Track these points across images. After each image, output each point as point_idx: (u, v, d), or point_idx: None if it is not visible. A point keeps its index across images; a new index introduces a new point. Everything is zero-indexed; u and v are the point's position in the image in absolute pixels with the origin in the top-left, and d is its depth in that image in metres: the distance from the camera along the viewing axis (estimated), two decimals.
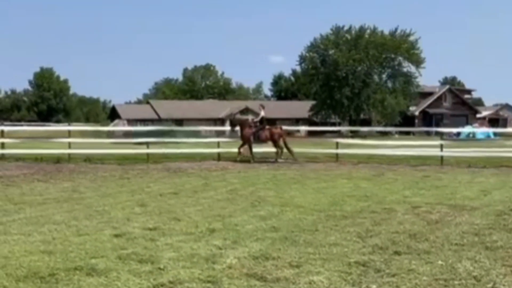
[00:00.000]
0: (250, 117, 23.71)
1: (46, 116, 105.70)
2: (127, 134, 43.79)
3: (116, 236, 7.91)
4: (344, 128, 54.17)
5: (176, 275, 5.94)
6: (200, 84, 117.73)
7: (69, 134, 22.97)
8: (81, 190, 13.40)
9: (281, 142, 22.44)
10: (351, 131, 52.27)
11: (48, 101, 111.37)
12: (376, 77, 71.30)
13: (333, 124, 64.25)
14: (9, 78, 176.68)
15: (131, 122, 62.95)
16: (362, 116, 71.16)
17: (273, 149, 22.69)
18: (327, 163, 21.95)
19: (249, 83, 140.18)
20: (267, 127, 22.97)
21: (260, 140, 22.47)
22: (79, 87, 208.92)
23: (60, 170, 18.32)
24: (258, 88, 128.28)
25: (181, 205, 10.85)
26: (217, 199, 11.76)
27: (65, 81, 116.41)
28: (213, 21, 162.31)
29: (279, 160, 21.84)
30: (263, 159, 22.43)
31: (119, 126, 60.18)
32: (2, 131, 22.21)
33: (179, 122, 64.96)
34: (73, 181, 15.35)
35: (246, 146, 22.48)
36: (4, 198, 11.84)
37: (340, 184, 14.81)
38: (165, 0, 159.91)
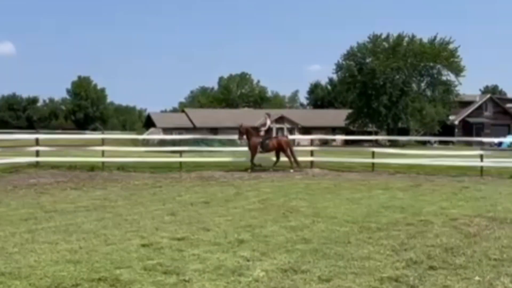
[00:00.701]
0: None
1: (83, 124, 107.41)
2: (162, 143, 44.12)
3: (144, 246, 7.84)
4: (382, 137, 53.48)
5: (200, 287, 5.82)
6: (235, 92, 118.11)
7: (103, 142, 23.12)
8: (113, 198, 13.43)
9: (288, 151, 22.16)
10: (389, 140, 51.60)
11: (85, 109, 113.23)
12: (414, 86, 70.35)
13: (370, 133, 63.60)
14: (48, 87, 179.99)
15: (166, 130, 63.31)
16: (400, 125, 70.23)
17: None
18: (363, 172, 21.62)
19: (285, 92, 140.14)
20: (273, 135, 22.76)
21: (267, 150, 22.16)
22: (116, 96, 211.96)
23: (93, 178, 18.45)
24: (294, 97, 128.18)
25: (211, 215, 10.74)
26: (248, 209, 11.63)
27: (102, 90, 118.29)
28: (249, 30, 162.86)
29: (291, 170, 21.41)
30: (266, 167, 22.07)
31: (154, 135, 60.66)
32: (37, 139, 22.50)
33: (214, 130, 65.20)
34: (105, 189, 15.42)
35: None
36: (36, 206, 11.93)
37: (376, 195, 14.52)
38: (202, 10, 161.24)
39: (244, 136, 22.26)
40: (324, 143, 53.66)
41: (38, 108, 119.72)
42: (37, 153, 21.74)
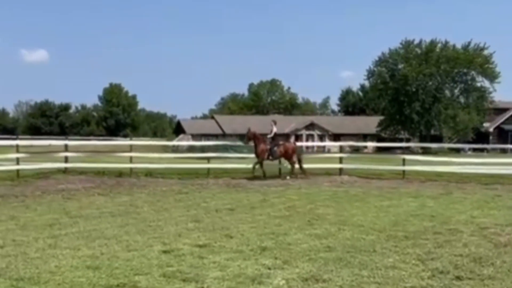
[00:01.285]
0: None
1: (114, 130, 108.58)
2: (191, 149, 44.30)
3: (165, 252, 7.81)
4: (414, 144, 52.83)
5: None
6: (265, 99, 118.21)
7: (131, 148, 23.28)
8: (138, 204, 13.47)
9: (294, 158, 21.94)
10: (421, 148, 50.96)
11: (116, 116, 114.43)
12: (447, 92, 69.44)
13: (402, 140, 62.92)
14: (80, 93, 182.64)
15: (195, 137, 63.66)
16: (432, 132, 69.35)
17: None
18: (393, 180, 21.32)
19: (316, 98, 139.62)
20: (280, 142, 22.53)
21: (275, 157, 21.94)
22: (148, 103, 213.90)
23: (120, 184, 18.57)
24: (325, 103, 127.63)
25: (235, 222, 10.68)
26: (273, 216, 11.54)
27: (133, 97, 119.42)
28: (280, 36, 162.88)
29: (287, 177, 21.16)
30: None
31: (183, 141, 60.98)
32: (66, 145, 22.76)
33: (244, 137, 65.09)
34: (132, 195, 15.49)
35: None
36: (61, 211, 12.02)
37: (405, 203, 14.29)
38: (233, 16, 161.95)
39: (251, 142, 22.06)
40: (355, 150, 53.26)
41: (70, 114, 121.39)
42: (66, 159, 21.98)
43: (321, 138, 73.13)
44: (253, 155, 22.33)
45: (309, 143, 66.16)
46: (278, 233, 9.39)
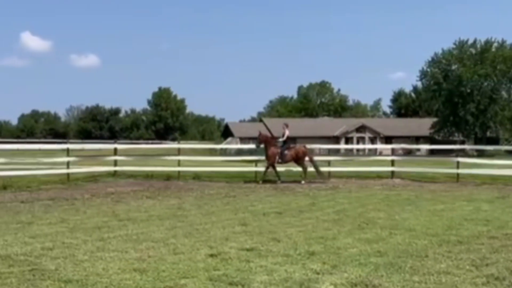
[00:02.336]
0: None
1: (163, 134, 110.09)
2: (239, 152, 44.45)
3: (211, 256, 7.82)
4: (469, 147, 51.70)
5: None
6: (315, 101, 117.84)
7: (179, 152, 23.53)
8: (186, 207, 13.58)
9: (305, 162, 21.59)
10: (476, 150, 49.85)
11: (165, 120, 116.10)
12: (504, 93, 67.85)
13: (455, 142, 61.64)
14: (130, 98, 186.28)
15: (243, 140, 63.89)
16: (488, 134, 67.87)
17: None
18: (447, 183, 20.92)
19: (367, 100, 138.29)
20: (291, 145, 22.21)
21: (285, 160, 21.63)
22: (196, 106, 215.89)
23: (168, 188, 18.78)
24: (377, 105, 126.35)
25: (283, 225, 10.63)
26: (322, 220, 11.44)
27: (182, 101, 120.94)
28: (330, 37, 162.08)
29: (303, 182, 20.87)
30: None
31: (231, 144, 61.29)
32: (115, 149, 23.18)
33: (293, 139, 64.96)
34: (180, 199, 15.63)
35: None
36: (110, 214, 12.20)
37: (459, 207, 13.97)
38: (281, 18, 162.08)
39: (262, 145, 21.87)
40: (408, 152, 52.52)
41: (120, 118, 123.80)
42: (115, 163, 22.38)
43: (372, 141, 72.38)
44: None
45: (360, 146, 65.71)
46: (326, 237, 9.29)
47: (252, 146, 23.42)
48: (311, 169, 21.71)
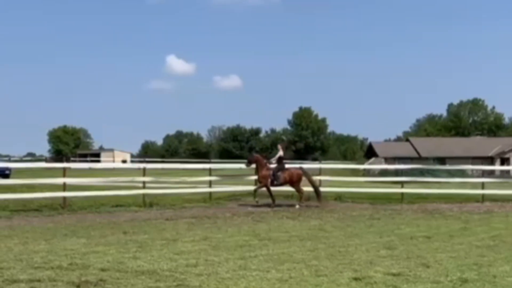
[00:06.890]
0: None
1: (303, 154, 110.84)
2: (383, 172, 43.76)
3: (355, 279, 7.73)
4: None
5: None
6: (466, 120, 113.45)
7: (320, 171, 23.56)
8: (328, 229, 13.54)
9: (301, 185, 20.17)
10: None
11: (305, 139, 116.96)
12: None
13: None
14: (270, 118, 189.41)
15: (388, 160, 62.78)
16: None
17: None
18: None
19: None
20: (286, 167, 20.71)
21: (278, 182, 20.20)
22: (338, 125, 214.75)
23: (309, 208, 18.88)
24: None
25: (432, 250, 10.29)
26: (475, 246, 10.93)
27: (323, 120, 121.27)
28: (482, 53, 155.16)
29: (299, 205, 19.42)
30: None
31: (375, 164, 60.43)
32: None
33: (442, 160, 62.97)
34: (321, 219, 15.64)
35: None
36: (251, 234, 12.45)
37: None
38: (432, 35, 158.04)
39: (253, 165, 20.81)
40: None
41: (260, 138, 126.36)
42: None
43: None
44: (452, 180, 21.46)
45: None
46: (481, 264, 8.86)
47: (399, 166, 22.94)
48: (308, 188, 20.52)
